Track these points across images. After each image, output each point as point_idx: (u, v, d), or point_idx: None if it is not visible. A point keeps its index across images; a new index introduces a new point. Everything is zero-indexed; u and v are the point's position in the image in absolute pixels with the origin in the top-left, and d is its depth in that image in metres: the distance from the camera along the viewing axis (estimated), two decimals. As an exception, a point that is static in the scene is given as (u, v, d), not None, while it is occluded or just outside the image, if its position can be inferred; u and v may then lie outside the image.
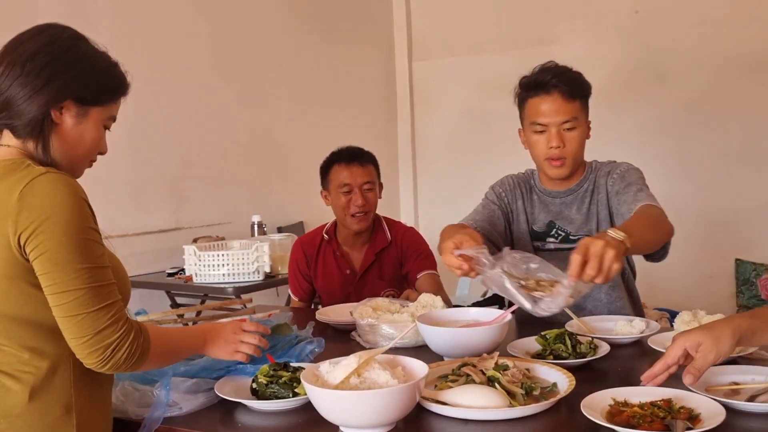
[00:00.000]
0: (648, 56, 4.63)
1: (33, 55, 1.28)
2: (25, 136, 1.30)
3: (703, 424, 1.17)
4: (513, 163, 5.09)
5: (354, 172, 2.48)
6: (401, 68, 5.57)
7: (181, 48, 3.91)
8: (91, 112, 1.34)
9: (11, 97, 1.27)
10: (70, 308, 1.20)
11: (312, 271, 2.61)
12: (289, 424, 1.37)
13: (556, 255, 2.08)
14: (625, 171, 2.05)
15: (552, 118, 1.98)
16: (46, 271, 1.20)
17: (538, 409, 1.33)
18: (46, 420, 1.25)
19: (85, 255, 1.22)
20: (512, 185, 2.22)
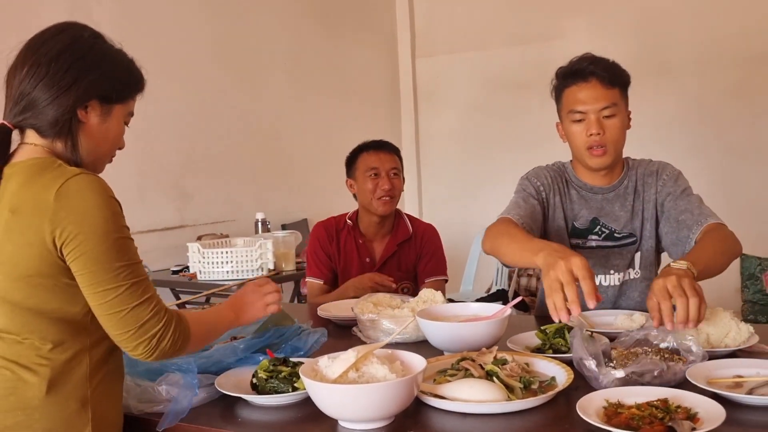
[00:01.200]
0: (652, 51, 4.62)
1: (57, 55, 1.30)
2: (52, 136, 1.31)
3: (703, 424, 1.16)
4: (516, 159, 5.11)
5: (382, 158, 2.58)
6: (405, 65, 5.57)
7: (185, 46, 3.92)
8: (114, 109, 1.37)
9: (37, 97, 1.29)
10: (113, 305, 1.25)
11: (334, 249, 2.62)
12: (289, 419, 1.37)
13: (597, 252, 2.05)
14: (676, 175, 2.03)
15: (591, 105, 1.93)
16: (87, 271, 1.24)
17: (536, 403, 1.32)
18: (63, 413, 1.27)
19: (122, 253, 1.26)
20: (550, 179, 2.11)
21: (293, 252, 3.61)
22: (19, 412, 1.25)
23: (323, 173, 4.79)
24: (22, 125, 1.33)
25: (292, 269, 3.57)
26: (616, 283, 2.05)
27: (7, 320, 1.27)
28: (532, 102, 4.88)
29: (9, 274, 1.25)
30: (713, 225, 1.86)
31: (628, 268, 2.05)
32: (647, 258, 2.05)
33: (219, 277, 3.32)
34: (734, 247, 1.82)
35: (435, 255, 2.63)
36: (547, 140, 4.64)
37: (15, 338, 1.27)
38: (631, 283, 2.05)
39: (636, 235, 2.04)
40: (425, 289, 2.03)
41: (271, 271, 3.42)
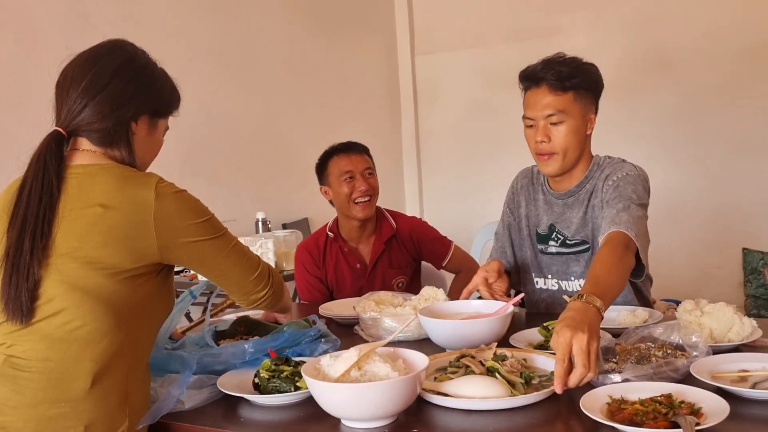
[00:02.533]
0: (652, 47, 4.61)
1: (117, 69, 1.39)
2: (107, 145, 1.40)
3: (707, 419, 1.15)
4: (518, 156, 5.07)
5: (353, 160, 2.53)
6: (404, 62, 5.56)
7: (184, 46, 3.92)
8: (159, 123, 1.50)
9: (96, 109, 1.37)
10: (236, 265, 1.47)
11: (322, 271, 2.59)
12: (292, 418, 1.37)
13: (557, 258, 2.06)
14: (621, 179, 1.90)
15: (539, 111, 1.92)
16: (203, 251, 1.41)
17: (539, 398, 1.33)
18: (105, 407, 1.30)
19: (217, 225, 1.46)
20: (514, 192, 2.19)
21: (294, 251, 3.60)
22: (63, 403, 1.27)
23: (323, 172, 4.79)
24: (76, 133, 1.39)
25: (293, 268, 3.55)
26: (578, 289, 2.02)
27: (71, 306, 1.29)
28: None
29: (89, 262, 1.29)
30: (613, 234, 1.74)
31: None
32: None
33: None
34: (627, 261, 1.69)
35: (431, 240, 2.64)
36: (547, 136, 4.65)
37: (67, 330, 1.29)
38: None
39: (589, 242, 2.00)
40: (427, 287, 2.02)
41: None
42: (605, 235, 1.76)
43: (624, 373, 1.36)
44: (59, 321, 1.29)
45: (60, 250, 1.30)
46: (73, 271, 1.30)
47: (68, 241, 1.31)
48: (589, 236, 2.01)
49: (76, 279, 1.30)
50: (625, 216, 1.78)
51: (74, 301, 1.29)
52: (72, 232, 1.31)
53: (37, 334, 1.29)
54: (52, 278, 1.30)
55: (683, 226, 4.57)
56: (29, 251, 1.29)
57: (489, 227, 4.12)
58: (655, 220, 1.99)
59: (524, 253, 2.14)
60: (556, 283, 2.08)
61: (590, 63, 1.97)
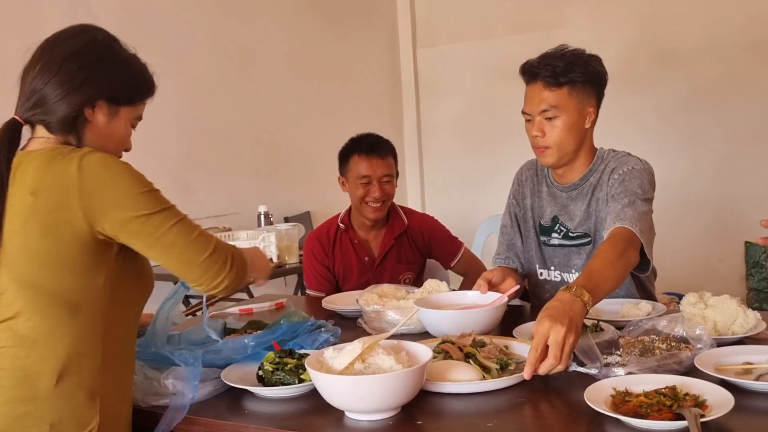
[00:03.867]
0: (655, 38, 4.60)
1: (70, 55, 1.34)
2: (61, 132, 1.35)
3: (711, 411, 1.15)
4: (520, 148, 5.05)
5: (374, 164, 2.47)
6: (406, 55, 5.55)
7: (185, 40, 3.91)
8: (121, 111, 1.40)
9: (47, 94, 1.33)
10: (175, 244, 1.31)
11: (330, 261, 2.59)
12: (295, 410, 1.37)
13: (560, 251, 2.06)
14: (627, 173, 1.90)
15: (534, 107, 1.93)
16: (135, 227, 1.29)
17: (510, 382, 1.38)
18: (71, 404, 1.27)
19: (157, 201, 1.32)
20: (518, 184, 2.19)
21: (296, 244, 3.61)
22: (29, 402, 1.26)
23: (325, 165, 4.75)
24: (32, 120, 1.37)
25: (296, 261, 3.56)
26: None
27: (26, 304, 1.27)
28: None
29: (33, 257, 1.26)
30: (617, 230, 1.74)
31: None
32: None
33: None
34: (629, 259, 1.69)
35: (442, 238, 2.64)
36: (549, 129, 4.64)
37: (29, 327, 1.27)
38: None
39: (591, 235, 2.00)
40: (430, 280, 2.02)
41: (275, 264, 3.41)
42: (609, 230, 1.76)
43: (628, 366, 1.36)
44: (22, 320, 1.27)
45: (7, 246, 1.28)
46: (22, 266, 1.27)
47: (11, 235, 1.28)
48: (591, 229, 2.00)
49: (26, 275, 1.27)
50: (630, 211, 1.78)
51: (28, 298, 1.27)
52: (13, 226, 1.27)
53: (8, 333, 1.28)
54: (6, 276, 1.27)
55: (686, 219, 4.56)
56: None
57: (491, 220, 4.12)
58: (658, 212, 1.98)
59: (529, 245, 2.14)
60: (559, 275, 2.08)
61: (593, 55, 1.95)
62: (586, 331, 1.56)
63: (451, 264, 2.64)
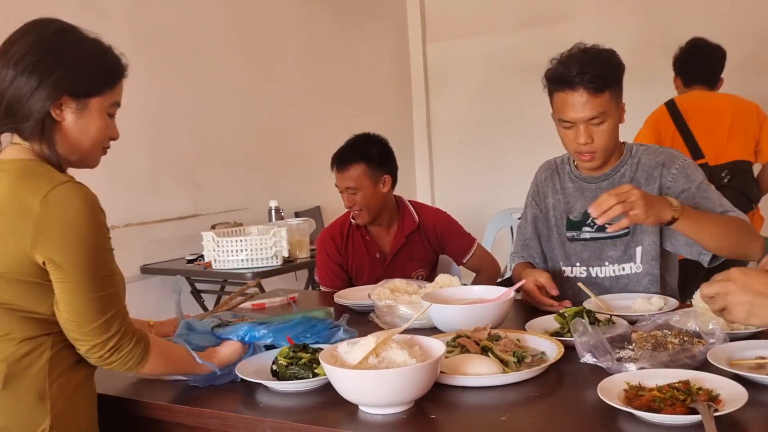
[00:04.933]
0: (663, 32, 4.56)
1: (22, 56, 1.29)
2: (31, 138, 1.32)
3: (725, 405, 1.15)
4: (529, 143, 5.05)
5: (340, 178, 2.52)
6: (415, 50, 5.54)
7: (196, 35, 3.92)
8: (90, 103, 1.34)
9: (11, 100, 1.29)
10: (91, 314, 1.27)
11: (344, 258, 2.61)
12: (309, 404, 1.38)
13: (591, 244, 2.04)
14: (686, 166, 1.96)
15: (578, 115, 1.88)
16: (69, 280, 1.26)
17: (530, 375, 1.40)
18: (19, 407, 1.28)
19: (103, 264, 1.29)
20: (538, 185, 2.18)
21: (307, 239, 3.62)
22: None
23: (335, 160, 4.78)
24: (6, 131, 1.34)
25: (307, 256, 3.57)
26: (610, 275, 2.03)
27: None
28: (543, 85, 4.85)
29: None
30: (733, 218, 1.84)
31: (628, 262, 2.02)
32: (649, 253, 2.00)
33: (234, 265, 3.33)
34: (746, 239, 1.78)
35: (456, 233, 2.65)
36: (559, 124, 4.63)
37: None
38: (633, 277, 2.01)
39: (628, 227, 1.98)
40: (442, 275, 2.03)
41: (286, 259, 3.43)
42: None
43: (640, 361, 1.37)
44: None
45: None
46: None
47: None
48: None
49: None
50: (727, 204, 1.90)
51: None
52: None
53: None
54: None
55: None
56: None
57: (501, 215, 4.13)
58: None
59: (552, 244, 2.12)
60: (585, 271, 2.06)
61: (610, 50, 1.95)
62: (597, 326, 1.57)
63: (464, 260, 2.64)
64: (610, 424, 1.19)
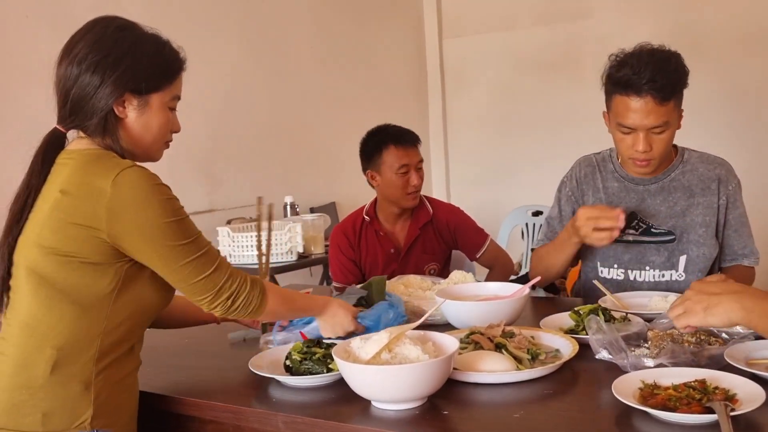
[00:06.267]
0: (686, 30, 4.52)
1: (85, 55, 1.32)
2: (96, 135, 1.35)
3: (742, 405, 1.14)
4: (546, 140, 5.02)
5: (409, 153, 2.50)
6: (432, 46, 5.53)
7: (213, 31, 3.93)
8: (151, 99, 1.38)
9: (75, 99, 1.33)
10: (190, 277, 1.33)
11: (356, 254, 2.60)
12: (322, 400, 1.38)
13: (633, 247, 2.01)
14: (738, 188, 2.03)
15: (641, 122, 1.82)
16: (156, 256, 1.31)
17: (544, 372, 1.39)
18: (64, 394, 1.29)
19: (181, 233, 1.32)
20: (577, 180, 2.11)
21: (322, 235, 3.63)
22: (24, 390, 1.28)
23: (351, 156, 4.75)
24: (71, 128, 1.38)
25: (321, 252, 3.58)
26: (651, 280, 2.01)
27: (33, 293, 1.30)
28: (561, 82, 4.81)
29: (45, 248, 1.29)
30: (740, 270, 1.98)
31: (670, 269, 1.99)
32: (696, 264, 1.98)
33: (250, 260, 3.34)
34: None
35: (468, 228, 2.63)
36: (576, 121, 4.59)
37: (31, 315, 1.30)
38: (673, 284, 1.98)
39: (674, 234, 1.97)
40: (456, 271, 2.03)
41: (301, 254, 3.44)
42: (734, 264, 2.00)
43: (656, 359, 1.35)
44: (25, 306, 1.31)
45: (26, 235, 1.32)
46: (34, 256, 1.30)
47: (33, 225, 1.31)
48: (678, 228, 1.97)
49: (35, 265, 1.30)
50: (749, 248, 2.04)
51: (33, 286, 1.30)
52: (38, 216, 1.31)
53: (16, 320, 1.32)
54: (20, 264, 1.32)
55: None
56: (6, 235, 1.33)
57: (517, 212, 4.11)
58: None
59: None
60: (623, 273, 2.02)
61: (677, 54, 1.89)
62: (612, 324, 1.55)
63: (477, 255, 2.63)
64: (624, 422, 1.18)
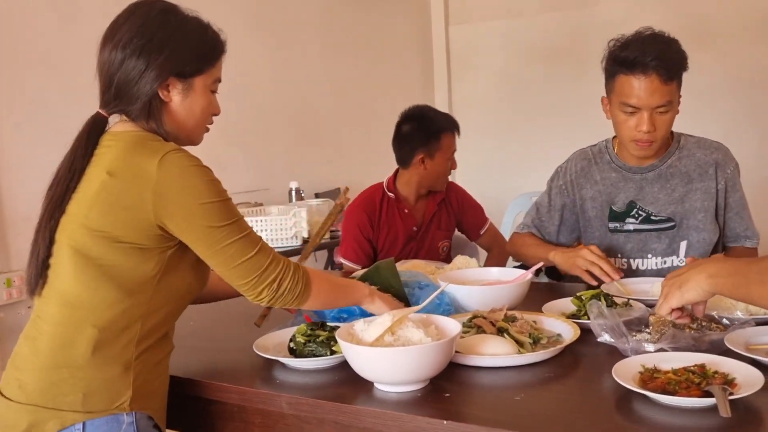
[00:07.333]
0: (695, 18, 4.49)
1: (130, 39, 1.33)
2: (140, 119, 1.36)
3: (740, 389, 1.15)
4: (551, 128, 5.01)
5: (455, 142, 2.62)
6: (438, 32, 5.51)
7: (218, 16, 3.91)
8: (194, 82, 1.39)
9: (120, 83, 1.34)
10: (233, 259, 1.33)
11: (375, 234, 2.61)
12: (326, 381, 1.40)
13: (634, 236, 2.03)
14: (736, 172, 2.03)
15: (646, 101, 1.85)
16: (199, 237, 1.31)
17: (545, 356, 1.41)
18: (105, 375, 1.30)
19: (224, 214, 1.32)
20: (575, 173, 2.12)
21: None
22: (64, 369, 1.29)
23: (356, 142, 4.79)
24: (114, 112, 1.39)
25: (326, 238, 3.59)
26: (653, 267, 2.02)
27: (77, 273, 1.31)
28: (566, 69, 4.80)
29: (93, 230, 1.30)
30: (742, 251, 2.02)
31: (671, 255, 2.01)
32: (697, 249, 2.00)
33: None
34: None
35: (473, 207, 2.74)
36: (581, 108, 4.58)
37: (74, 295, 1.31)
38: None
39: (674, 220, 1.99)
40: (459, 256, 2.04)
41: (306, 239, 3.45)
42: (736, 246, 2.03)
43: (657, 344, 1.37)
44: (66, 286, 1.32)
45: (71, 215, 1.32)
46: (80, 237, 1.30)
47: (79, 206, 1.32)
48: (677, 215, 1.99)
49: (81, 246, 1.30)
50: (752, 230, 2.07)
51: (78, 267, 1.30)
52: (83, 197, 1.32)
53: (55, 298, 1.33)
54: (62, 243, 1.32)
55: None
56: (48, 216, 1.33)
57: (521, 198, 4.11)
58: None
59: (592, 233, 2.09)
60: (626, 263, 2.04)
61: (676, 39, 1.93)
62: (614, 309, 1.57)
63: (480, 233, 2.70)
64: (624, 405, 1.19)
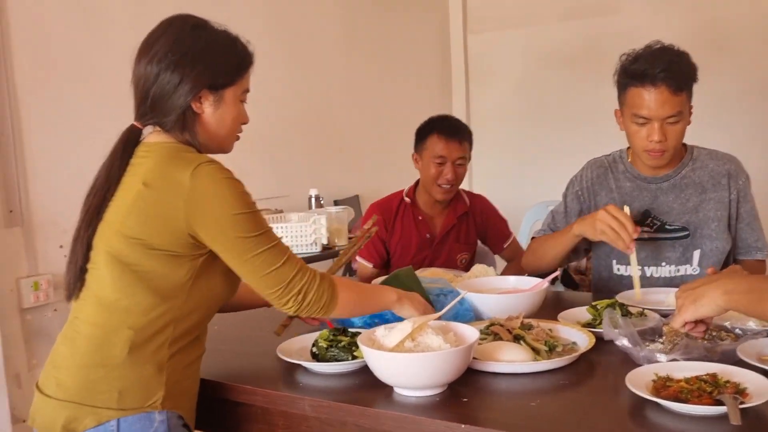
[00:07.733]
0: (712, 26, 4.50)
1: (165, 54, 1.39)
2: (174, 130, 1.42)
3: (752, 399, 1.18)
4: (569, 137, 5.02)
5: (451, 146, 2.52)
6: (456, 41, 5.54)
7: (237, 22, 3.95)
8: (225, 94, 1.45)
9: (155, 96, 1.40)
10: (261, 269, 1.38)
11: (389, 235, 2.64)
12: (347, 385, 1.44)
13: (648, 244, 2.05)
14: (748, 183, 2.06)
15: (656, 112, 1.90)
16: (228, 247, 1.36)
17: (560, 364, 1.44)
18: (139, 375, 1.36)
19: (253, 224, 1.37)
20: (591, 181, 2.16)
21: (346, 227, 3.69)
22: (101, 368, 1.35)
23: (375, 150, 4.83)
24: (149, 124, 1.45)
25: (345, 244, 3.63)
26: (667, 275, 2.05)
27: (114, 278, 1.37)
28: (585, 78, 4.80)
29: (129, 237, 1.36)
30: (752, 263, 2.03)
31: (685, 264, 2.04)
32: (710, 258, 2.02)
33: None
34: None
35: (498, 221, 2.72)
36: (599, 118, 4.58)
37: (112, 300, 1.37)
38: (688, 279, 2.01)
39: (689, 230, 2.03)
40: (478, 265, 2.08)
41: (325, 246, 3.50)
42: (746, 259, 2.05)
43: (670, 354, 1.39)
44: (105, 290, 1.38)
45: (108, 222, 1.38)
46: (117, 244, 1.36)
47: (116, 214, 1.38)
48: (692, 224, 2.02)
49: (118, 252, 1.36)
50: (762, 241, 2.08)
51: (116, 273, 1.36)
52: (120, 206, 1.38)
53: (92, 300, 1.39)
54: (100, 249, 1.39)
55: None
56: (86, 224, 1.40)
57: (539, 207, 4.13)
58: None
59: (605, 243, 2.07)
60: (639, 270, 2.04)
61: (686, 52, 1.97)
62: (629, 318, 1.60)
63: (504, 245, 2.69)
64: (637, 413, 1.22)
